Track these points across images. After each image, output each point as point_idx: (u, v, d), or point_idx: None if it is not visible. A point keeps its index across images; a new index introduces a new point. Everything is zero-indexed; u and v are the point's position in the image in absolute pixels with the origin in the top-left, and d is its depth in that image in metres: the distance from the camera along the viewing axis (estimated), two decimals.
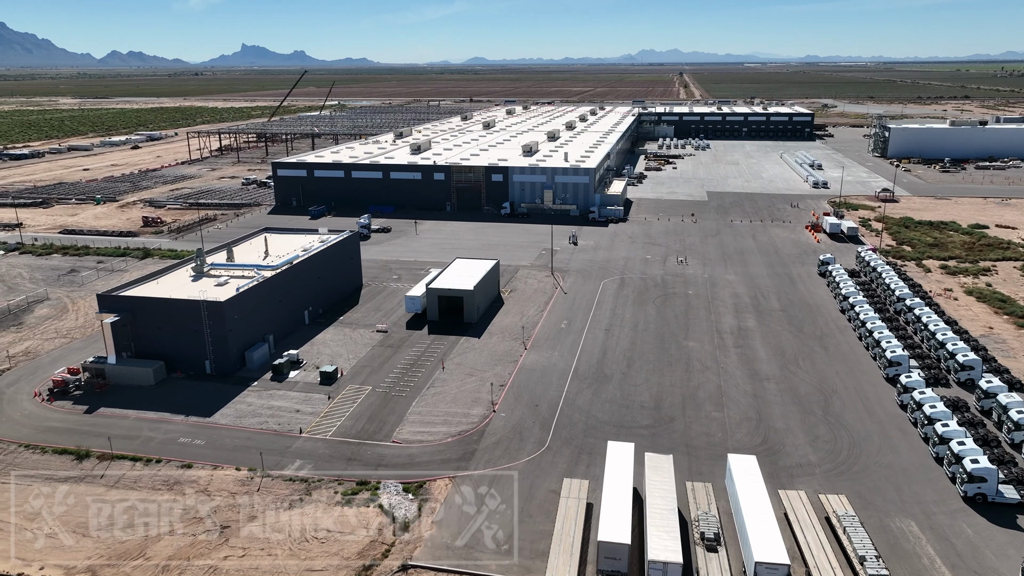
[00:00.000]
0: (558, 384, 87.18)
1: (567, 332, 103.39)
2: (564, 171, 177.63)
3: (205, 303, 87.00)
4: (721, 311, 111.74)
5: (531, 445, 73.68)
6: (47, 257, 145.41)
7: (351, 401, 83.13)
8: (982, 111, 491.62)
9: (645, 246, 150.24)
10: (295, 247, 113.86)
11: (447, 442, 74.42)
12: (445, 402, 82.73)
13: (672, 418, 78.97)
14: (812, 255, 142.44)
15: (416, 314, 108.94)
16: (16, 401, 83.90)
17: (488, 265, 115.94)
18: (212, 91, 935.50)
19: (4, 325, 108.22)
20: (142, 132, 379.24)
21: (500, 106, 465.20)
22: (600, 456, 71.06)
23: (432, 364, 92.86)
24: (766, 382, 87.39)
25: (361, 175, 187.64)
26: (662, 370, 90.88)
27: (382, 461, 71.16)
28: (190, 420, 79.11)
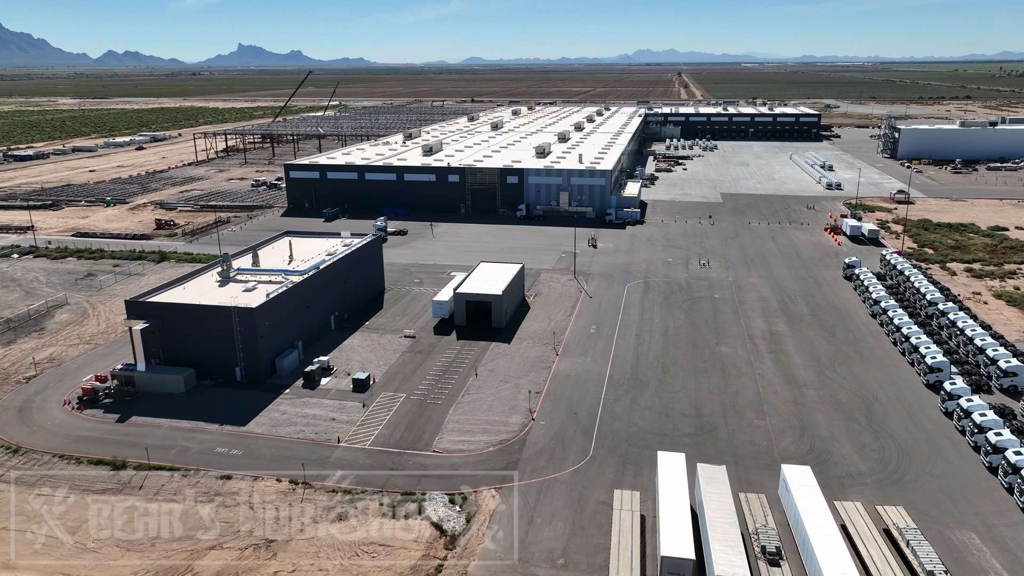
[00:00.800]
0: (594, 391, 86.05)
1: (597, 337, 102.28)
2: (580, 173, 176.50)
3: (236, 309, 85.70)
4: (750, 315, 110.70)
5: (575, 454, 72.53)
6: (62, 260, 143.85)
7: (386, 409, 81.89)
8: (985, 111, 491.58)
9: (665, 249, 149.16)
10: (319, 251, 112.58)
11: (489, 451, 73.23)
12: (482, 410, 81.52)
13: (714, 426, 77.87)
14: (834, 258, 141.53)
15: (442, 319, 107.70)
16: (46, 410, 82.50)
17: (514, 269, 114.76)
18: (211, 91, 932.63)
19: (26, 331, 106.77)
20: (145, 133, 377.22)
21: (504, 106, 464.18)
22: (647, 466, 70.12)
23: (465, 370, 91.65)
24: (805, 388, 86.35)
25: (375, 177, 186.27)
26: (698, 376, 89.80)
27: (425, 471, 69.93)
28: (225, 429, 77.79)
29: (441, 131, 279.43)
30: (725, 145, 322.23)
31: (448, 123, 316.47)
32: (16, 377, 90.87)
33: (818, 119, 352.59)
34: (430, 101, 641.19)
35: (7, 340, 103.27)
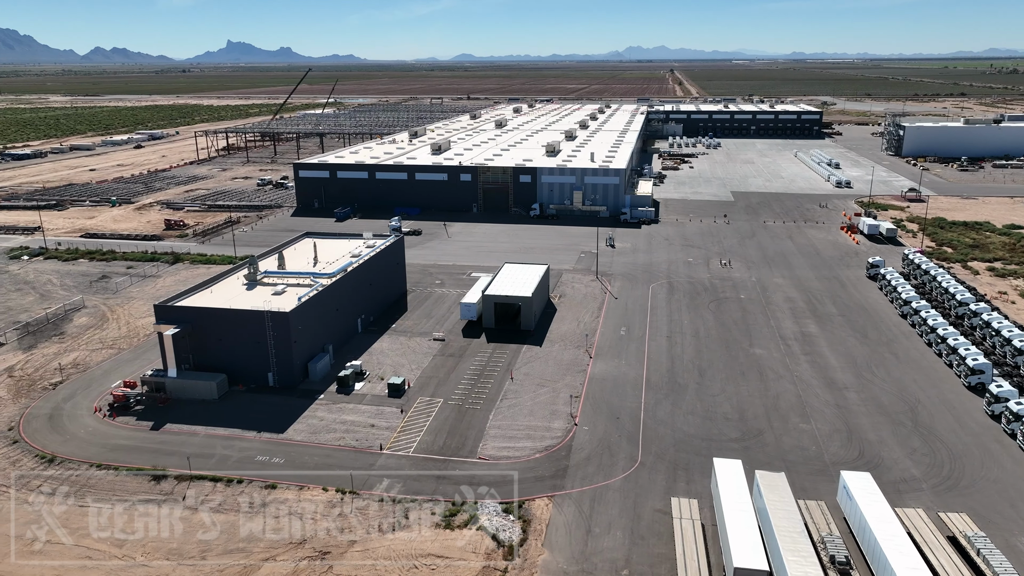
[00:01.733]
0: (633, 395, 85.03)
1: (628, 339, 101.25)
2: (594, 172, 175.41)
3: (269, 313, 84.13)
4: (779, 316, 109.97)
5: (623, 461, 71.48)
6: (74, 262, 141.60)
7: (425, 415, 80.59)
8: (982, 108, 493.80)
9: (684, 248, 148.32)
10: (343, 252, 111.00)
11: (535, 458, 72.08)
12: (522, 415, 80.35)
13: (760, 431, 77.00)
14: (855, 257, 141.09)
15: (469, 321, 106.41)
16: (77, 417, 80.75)
17: (540, 270, 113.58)
18: (203, 89, 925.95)
19: (45, 335, 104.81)
20: (143, 131, 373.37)
21: (504, 104, 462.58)
22: (698, 472, 69.21)
23: (499, 374, 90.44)
24: (845, 391, 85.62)
25: (385, 176, 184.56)
26: (735, 379, 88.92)
27: (473, 479, 68.66)
28: (263, 436, 76.31)
29: (446, 129, 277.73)
30: (728, 143, 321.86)
31: (451, 121, 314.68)
32: (42, 383, 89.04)
33: (820, 116, 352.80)
34: (428, 99, 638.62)
35: (27, 345, 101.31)
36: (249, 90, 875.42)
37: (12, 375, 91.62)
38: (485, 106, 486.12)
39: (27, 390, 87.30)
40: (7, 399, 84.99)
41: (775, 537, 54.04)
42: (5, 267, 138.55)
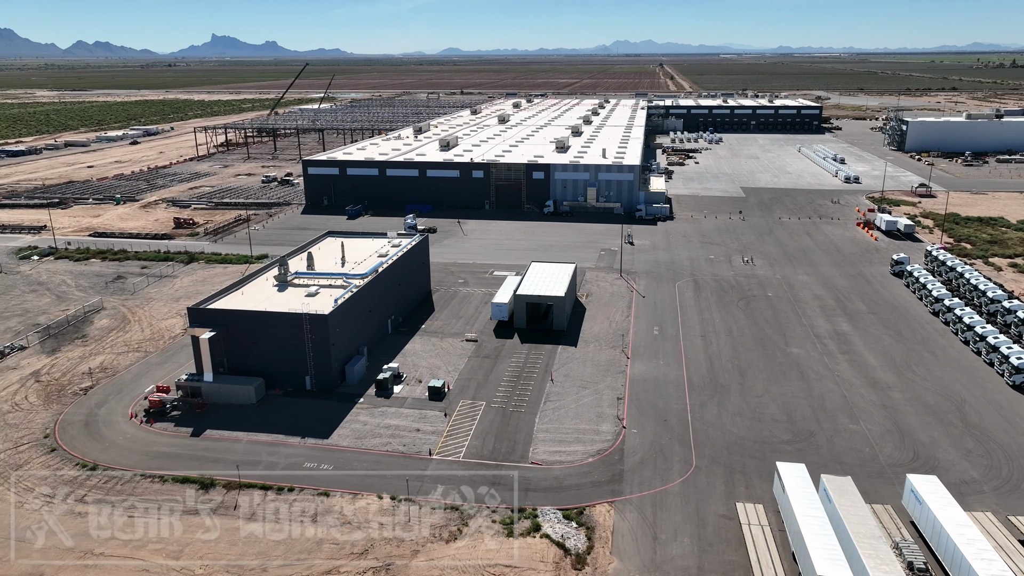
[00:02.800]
0: (677, 396, 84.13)
1: (662, 339, 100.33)
2: (608, 168, 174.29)
3: (308, 316, 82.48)
4: (809, 314, 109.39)
5: (678, 465, 70.54)
6: (86, 262, 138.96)
7: (469, 418, 79.32)
8: (975, 103, 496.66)
9: (703, 245, 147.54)
10: (369, 252, 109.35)
11: (589, 462, 71.02)
12: (568, 418, 79.25)
13: (811, 432, 76.29)
14: (875, 254, 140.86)
15: (500, 321, 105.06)
16: (113, 423, 78.88)
17: (569, 269, 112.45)
18: (191, 83, 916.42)
19: (67, 338, 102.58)
20: (137, 127, 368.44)
21: (502, 99, 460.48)
22: (755, 475, 68.41)
23: (538, 376, 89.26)
24: (889, 391, 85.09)
25: (396, 173, 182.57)
26: (777, 379, 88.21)
27: (529, 485, 67.55)
28: (308, 442, 74.78)
29: (448, 125, 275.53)
30: (729, 138, 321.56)
31: (452, 117, 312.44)
32: (72, 388, 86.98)
33: (819, 111, 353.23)
34: (425, 93, 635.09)
35: (50, 348, 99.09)
36: (238, 84, 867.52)
37: (39, 380, 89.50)
38: (479, 101, 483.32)
39: (57, 395, 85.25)
40: (38, 405, 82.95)
41: (853, 544, 53.18)
42: (16, 268, 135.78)
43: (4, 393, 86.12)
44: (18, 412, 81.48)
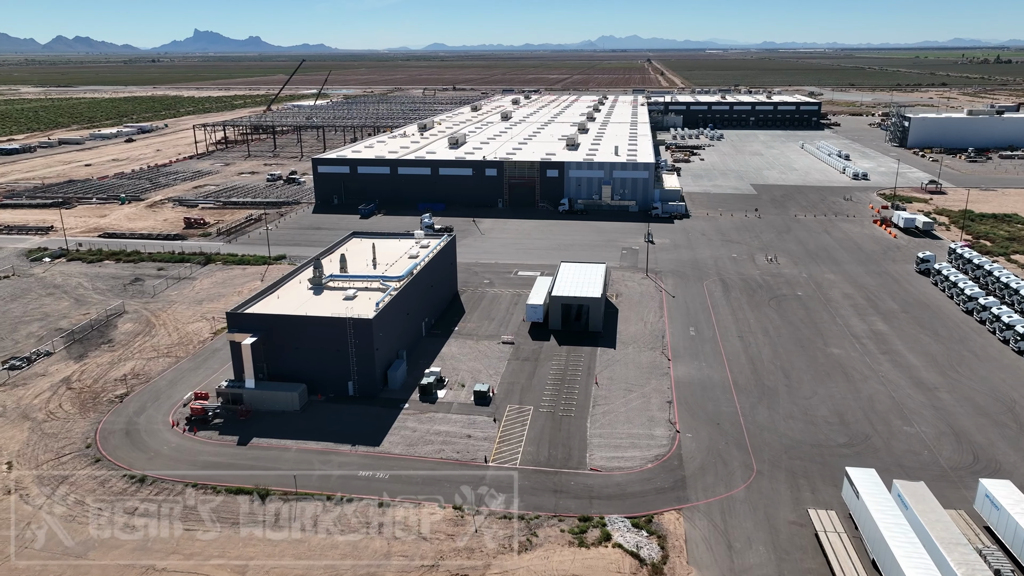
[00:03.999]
0: (725, 399, 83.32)
1: (700, 340, 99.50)
2: (623, 166, 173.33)
3: (351, 320, 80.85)
4: (843, 314, 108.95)
5: (739, 470, 69.68)
6: (99, 264, 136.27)
7: (519, 424, 78.10)
8: (966, 98, 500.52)
9: (724, 244, 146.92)
10: (399, 253, 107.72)
11: (649, 468, 70.02)
12: (620, 422, 78.21)
13: (866, 435, 75.69)
14: (896, 251, 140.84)
15: (534, 323, 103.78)
16: (155, 432, 76.97)
17: (601, 270, 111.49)
18: (177, 79, 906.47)
19: (93, 343, 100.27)
20: (131, 125, 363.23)
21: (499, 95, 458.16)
22: (819, 480, 67.72)
23: (582, 379, 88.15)
24: (936, 391, 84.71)
25: (408, 171, 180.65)
26: (823, 381, 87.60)
27: (592, 492, 66.45)
28: (359, 450, 73.28)
29: (452, 121, 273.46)
30: (729, 134, 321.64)
31: (454, 113, 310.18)
32: (107, 395, 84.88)
33: (818, 107, 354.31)
34: (421, 89, 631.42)
35: (77, 354, 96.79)
36: (226, 81, 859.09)
37: (71, 387, 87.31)
38: (474, 97, 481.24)
39: (93, 403, 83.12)
40: (75, 413, 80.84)
41: (940, 551, 52.52)
42: (29, 270, 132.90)
43: (37, 401, 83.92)
44: (55, 421, 79.36)
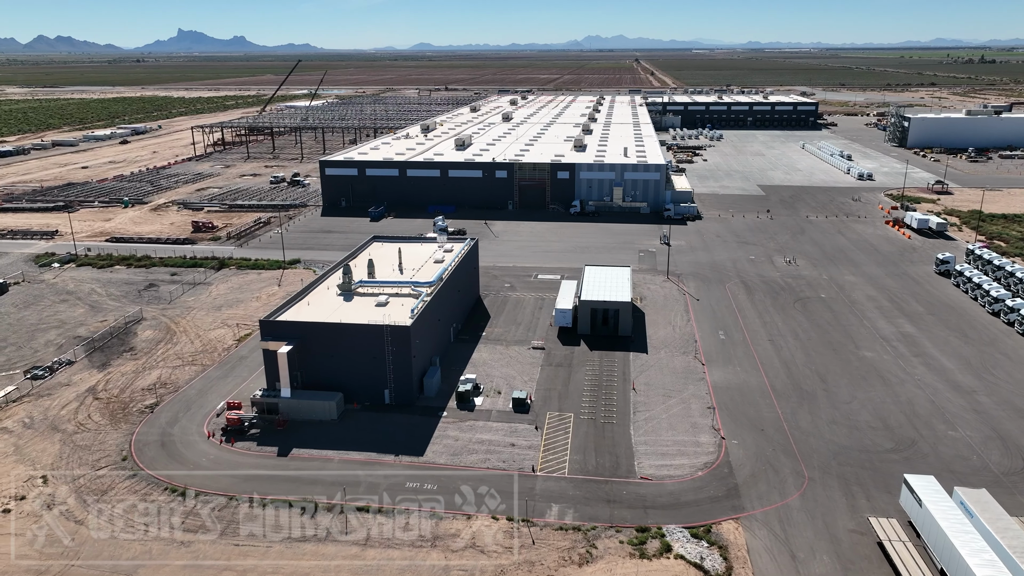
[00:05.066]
0: (765, 404, 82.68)
1: (731, 344, 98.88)
2: (634, 167, 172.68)
3: (389, 328, 79.49)
4: (869, 316, 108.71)
5: (791, 477, 68.97)
6: (110, 270, 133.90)
7: (562, 431, 77.08)
8: (957, 98, 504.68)
9: (740, 246, 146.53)
10: (424, 258, 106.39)
11: (700, 476, 69.20)
12: (663, 429, 77.37)
13: (912, 440, 75.26)
14: (913, 252, 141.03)
15: (562, 328, 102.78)
16: (191, 443, 75.30)
17: (627, 273, 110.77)
18: (164, 79, 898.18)
19: (115, 351, 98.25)
20: (125, 126, 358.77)
21: (495, 95, 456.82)
22: (873, 486, 67.18)
23: (618, 384, 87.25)
24: (975, 395, 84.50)
25: (417, 173, 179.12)
26: (860, 384, 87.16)
27: (645, 501, 65.53)
28: (403, 460, 71.98)
29: (453, 123, 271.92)
30: (728, 134, 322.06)
31: (453, 114, 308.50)
32: (136, 406, 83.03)
33: (815, 108, 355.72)
34: (410, 90, 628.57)
35: (100, 363, 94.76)
36: (214, 81, 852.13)
37: (98, 397, 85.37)
38: (467, 97, 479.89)
39: (123, 414, 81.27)
40: (105, 424, 78.98)
41: (1015, 561, 51.95)
42: (39, 276, 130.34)
43: (64, 412, 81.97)
44: (85, 432, 77.48)
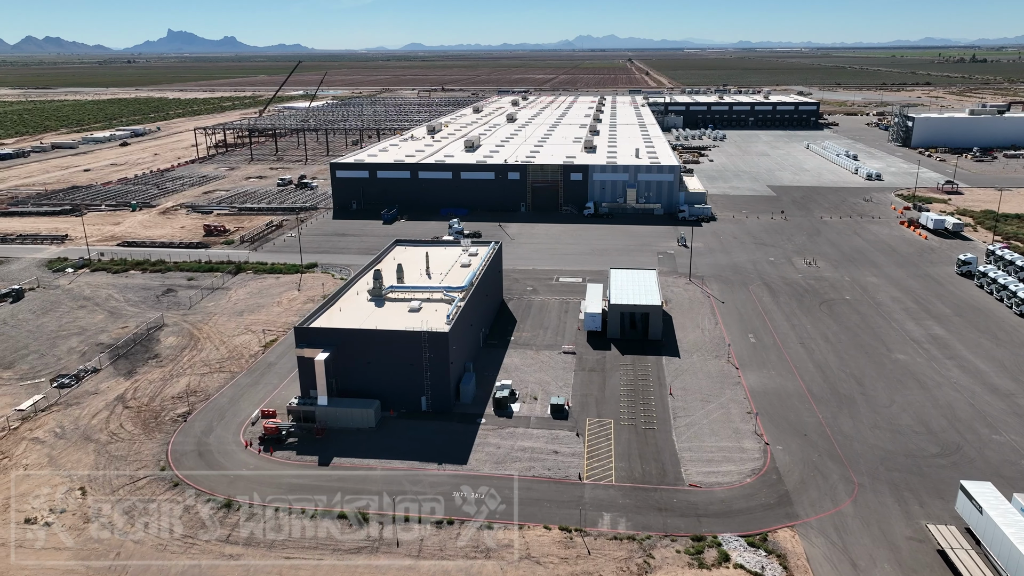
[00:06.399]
0: (805, 408, 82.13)
1: (762, 347, 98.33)
2: (648, 168, 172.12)
3: (427, 334, 78.52)
4: (897, 318, 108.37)
5: (841, 483, 68.36)
6: (126, 275, 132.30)
7: (603, 438, 76.29)
8: (953, 97, 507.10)
9: (758, 247, 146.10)
10: (450, 262, 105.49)
11: (748, 483, 68.53)
12: (705, 435, 76.70)
13: (958, 444, 74.80)
14: (932, 253, 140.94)
15: (591, 331, 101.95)
16: (229, 453, 74.13)
17: (653, 276, 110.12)
18: (158, 80, 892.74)
19: (139, 358, 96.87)
20: (123, 128, 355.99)
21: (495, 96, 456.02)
22: (925, 492, 66.68)
23: (654, 389, 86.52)
24: (1014, 398, 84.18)
25: (429, 175, 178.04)
26: (896, 388, 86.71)
27: (697, 510, 64.81)
28: (447, 469, 71.01)
29: (458, 124, 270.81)
30: (731, 135, 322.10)
31: (457, 116, 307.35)
32: (167, 414, 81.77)
33: (817, 107, 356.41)
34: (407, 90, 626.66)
35: (126, 370, 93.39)
36: (208, 82, 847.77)
37: (127, 406, 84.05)
38: (463, 98, 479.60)
39: (155, 423, 80.00)
40: (139, 434, 77.70)
41: None
42: (53, 281, 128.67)
43: (95, 421, 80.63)
44: (120, 442, 76.17)
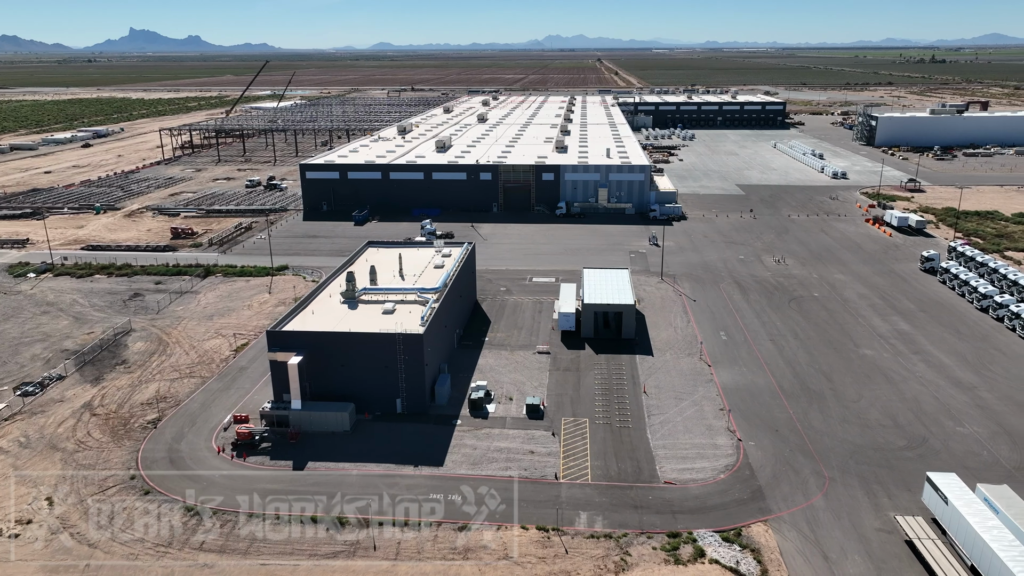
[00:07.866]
0: (775, 404, 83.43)
1: (733, 344, 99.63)
2: (619, 168, 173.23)
3: (401, 336, 78.27)
4: (863, 314, 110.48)
5: (812, 477, 69.60)
6: (90, 279, 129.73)
7: (579, 437, 76.72)
8: (915, 97, 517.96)
9: (728, 246, 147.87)
10: (423, 263, 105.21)
11: (722, 479, 69.43)
12: (679, 432, 77.52)
13: (923, 437, 76.55)
14: (896, 250, 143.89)
15: (565, 331, 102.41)
16: (201, 459, 73.16)
17: (626, 275, 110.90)
18: (120, 80, 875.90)
19: (107, 364, 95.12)
20: (85, 129, 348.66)
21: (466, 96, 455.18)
22: (892, 484, 68.18)
23: (628, 388, 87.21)
24: (976, 391, 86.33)
25: (400, 176, 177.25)
26: (864, 383, 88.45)
27: (673, 506, 65.49)
28: (423, 471, 70.87)
29: (429, 124, 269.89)
30: (700, 134, 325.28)
31: (428, 115, 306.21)
32: (137, 421, 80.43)
33: (783, 107, 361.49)
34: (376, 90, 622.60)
35: (92, 377, 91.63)
36: (172, 82, 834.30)
37: (95, 413, 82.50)
38: (433, 98, 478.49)
39: (124, 430, 78.64)
40: (107, 442, 76.32)
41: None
42: (14, 287, 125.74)
43: (61, 430, 79.00)
44: (87, 451, 74.77)
